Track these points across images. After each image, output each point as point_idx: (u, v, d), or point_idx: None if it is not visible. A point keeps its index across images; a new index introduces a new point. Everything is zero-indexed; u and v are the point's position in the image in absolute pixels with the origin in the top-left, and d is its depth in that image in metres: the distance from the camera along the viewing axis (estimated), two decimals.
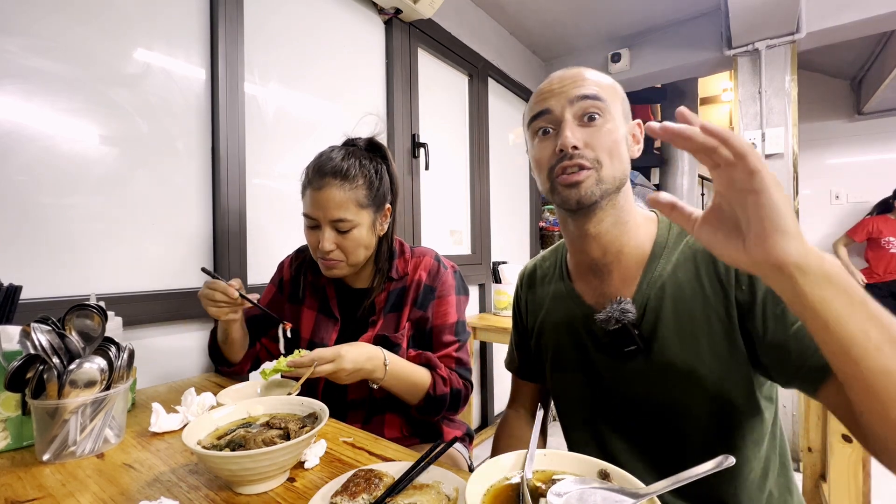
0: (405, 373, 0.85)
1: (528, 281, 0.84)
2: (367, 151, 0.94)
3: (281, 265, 1.06)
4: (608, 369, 0.66)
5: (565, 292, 0.74)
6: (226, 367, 1.01)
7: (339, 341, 0.94)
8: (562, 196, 0.63)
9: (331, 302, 0.97)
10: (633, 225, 0.66)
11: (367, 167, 0.89)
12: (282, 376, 0.83)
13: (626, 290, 0.65)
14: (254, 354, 1.03)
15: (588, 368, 0.69)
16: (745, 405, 0.59)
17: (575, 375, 0.71)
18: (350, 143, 0.95)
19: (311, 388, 0.96)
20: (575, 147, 0.61)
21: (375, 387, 0.84)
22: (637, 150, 0.68)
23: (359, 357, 0.79)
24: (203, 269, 0.90)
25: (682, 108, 0.37)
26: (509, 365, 0.90)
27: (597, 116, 0.62)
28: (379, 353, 0.82)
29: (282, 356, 0.78)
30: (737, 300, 0.58)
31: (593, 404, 0.69)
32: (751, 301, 0.56)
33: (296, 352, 0.77)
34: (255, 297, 0.91)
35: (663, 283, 0.62)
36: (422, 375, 0.87)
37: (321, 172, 0.86)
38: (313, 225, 0.88)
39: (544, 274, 0.81)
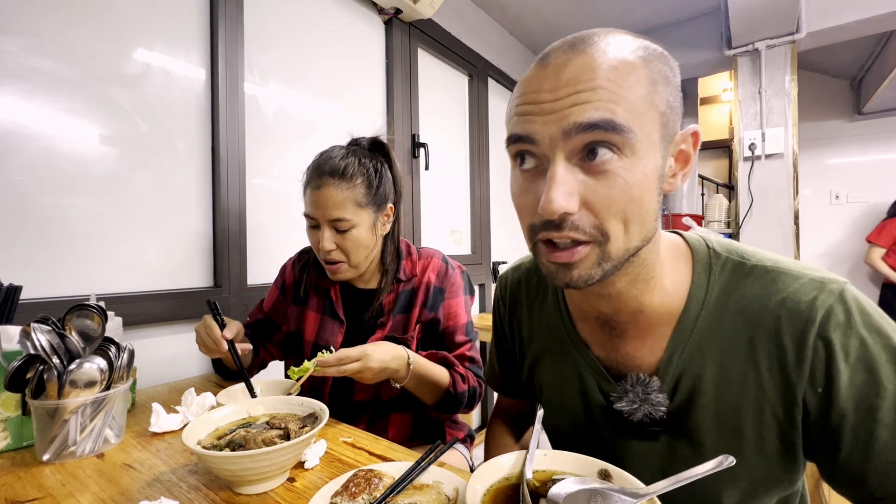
0: (427, 371, 0.85)
1: (511, 300, 0.69)
2: (370, 151, 0.93)
3: (283, 268, 1.05)
4: (622, 440, 0.54)
5: (565, 333, 0.59)
6: (232, 381, 1.00)
7: (344, 344, 0.94)
8: (547, 271, 0.45)
9: (335, 304, 0.96)
10: (659, 275, 0.48)
11: (366, 166, 0.89)
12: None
13: (647, 353, 0.51)
14: (259, 362, 1.03)
15: (595, 432, 0.56)
16: (784, 489, 0.49)
17: (578, 430, 0.58)
18: (354, 143, 0.95)
19: (318, 389, 0.95)
20: (567, 212, 0.40)
21: (398, 386, 0.83)
22: (680, 179, 0.46)
23: (384, 356, 0.78)
24: (208, 302, 0.83)
25: None
26: (491, 381, 0.78)
27: (608, 154, 0.39)
28: (403, 352, 0.82)
29: (305, 360, 0.77)
30: (804, 401, 0.43)
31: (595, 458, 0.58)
32: (826, 408, 0.42)
33: (321, 352, 0.77)
34: (247, 348, 0.86)
35: (703, 354, 0.47)
36: (442, 374, 0.87)
37: (319, 172, 0.86)
38: (314, 225, 0.88)
39: (531, 297, 0.65)
